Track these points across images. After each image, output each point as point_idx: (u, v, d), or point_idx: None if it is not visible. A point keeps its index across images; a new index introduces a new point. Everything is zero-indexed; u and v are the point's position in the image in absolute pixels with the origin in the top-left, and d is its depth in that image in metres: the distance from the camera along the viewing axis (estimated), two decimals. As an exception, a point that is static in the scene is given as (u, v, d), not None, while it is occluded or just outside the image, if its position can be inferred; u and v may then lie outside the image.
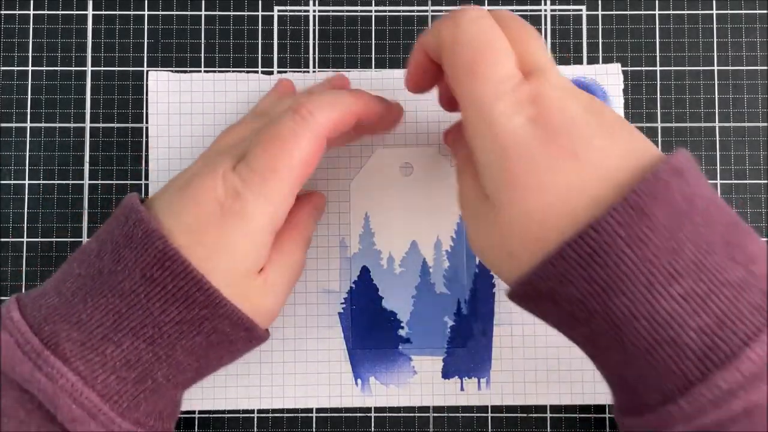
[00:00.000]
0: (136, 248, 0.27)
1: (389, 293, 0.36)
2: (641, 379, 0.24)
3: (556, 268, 0.24)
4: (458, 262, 0.36)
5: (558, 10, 0.38)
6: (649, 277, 0.23)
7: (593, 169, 0.25)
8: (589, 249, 0.24)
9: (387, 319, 0.36)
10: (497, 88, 0.25)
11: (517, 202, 0.25)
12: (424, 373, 0.36)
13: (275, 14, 0.38)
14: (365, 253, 0.36)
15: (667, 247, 0.23)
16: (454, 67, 0.26)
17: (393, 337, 0.36)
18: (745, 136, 0.37)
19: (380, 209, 0.36)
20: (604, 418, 0.36)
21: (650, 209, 0.23)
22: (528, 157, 0.25)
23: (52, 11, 0.38)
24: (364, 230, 0.36)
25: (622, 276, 0.23)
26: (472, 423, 0.36)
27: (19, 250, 0.37)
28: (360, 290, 0.36)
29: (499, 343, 0.36)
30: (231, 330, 0.29)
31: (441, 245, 0.36)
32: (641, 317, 0.23)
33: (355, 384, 0.36)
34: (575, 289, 0.24)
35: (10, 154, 0.37)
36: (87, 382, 0.26)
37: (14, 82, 0.38)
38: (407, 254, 0.36)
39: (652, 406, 0.24)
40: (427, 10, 0.38)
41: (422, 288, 0.36)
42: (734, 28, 0.38)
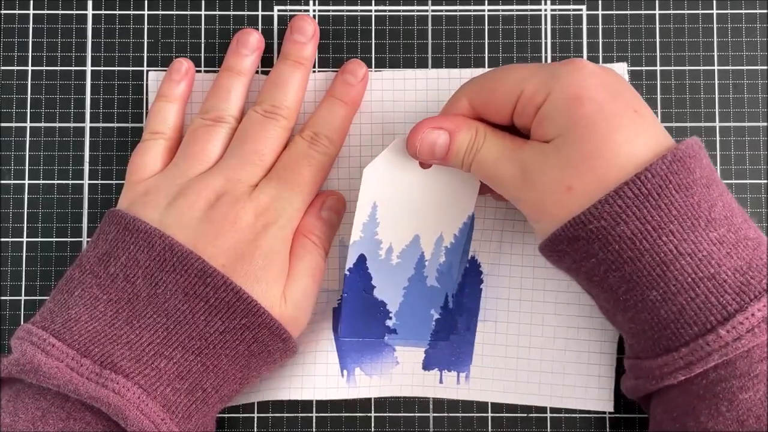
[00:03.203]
0: (174, 271, 0.30)
1: (382, 283, 0.35)
2: (680, 314, 0.27)
3: (612, 207, 0.27)
4: (454, 257, 0.35)
5: (558, 10, 0.38)
6: (693, 221, 0.27)
7: (647, 125, 0.29)
8: (645, 190, 0.27)
9: (377, 309, 0.35)
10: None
11: (588, 140, 0.28)
12: (405, 364, 0.36)
13: (275, 14, 0.38)
14: (365, 242, 0.34)
15: (704, 200, 0.28)
16: None
17: (380, 326, 0.35)
18: (745, 135, 0.37)
19: (389, 201, 0.34)
20: (604, 419, 0.36)
21: (691, 165, 0.28)
22: (600, 103, 0.28)
23: (52, 11, 0.38)
24: (369, 219, 0.34)
25: (671, 217, 0.27)
26: (472, 423, 0.36)
27: (19, 250, 0.37)
28: (354, 277, 0.35)
29: (482, 339, 0.36)
30: (270, 340, 0.32)
31: (442, 241, 0.35)
32: (686, 254, 0.27)
33: (341, 375, 0.36)
34: (627, 227, 0.27)
35: (10, 154, 0.37)
36: (149, 394, 0.29)
37: (14, 82, 0.38)
38: (407, 247, 0.35)
39: (687, 341, 0.27)
40: (427, 10, 0.38)
41: (414, 280, 0.35)
42: (734, 27, 0.38)
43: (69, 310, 0.30)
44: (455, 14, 0.38)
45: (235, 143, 0.34)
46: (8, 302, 0.37)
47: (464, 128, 0.31)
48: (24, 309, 0.37)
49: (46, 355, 0.29)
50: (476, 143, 0.31)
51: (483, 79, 0.32)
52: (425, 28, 0.38)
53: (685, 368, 0.27)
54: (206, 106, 0.35)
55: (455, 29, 0.38)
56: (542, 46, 0.38)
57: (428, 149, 0.31)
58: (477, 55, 0.38)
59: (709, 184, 0.28)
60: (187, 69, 0.36)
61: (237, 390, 0.33)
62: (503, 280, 0.37)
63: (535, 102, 0.29)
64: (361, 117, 0.37)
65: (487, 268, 0.37)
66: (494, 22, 0.38)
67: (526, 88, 0.30)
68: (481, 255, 0.37)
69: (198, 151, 0.34)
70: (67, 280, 0.32)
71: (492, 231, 0.37)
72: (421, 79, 0.37)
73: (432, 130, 0.31)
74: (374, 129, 0.37)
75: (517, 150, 0.30)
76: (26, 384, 0.30)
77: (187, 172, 0.33)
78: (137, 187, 0.34)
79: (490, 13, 0.38)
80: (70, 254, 0.37)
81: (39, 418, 0.29)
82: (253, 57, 0.36)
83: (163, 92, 0.36)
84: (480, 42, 0.38)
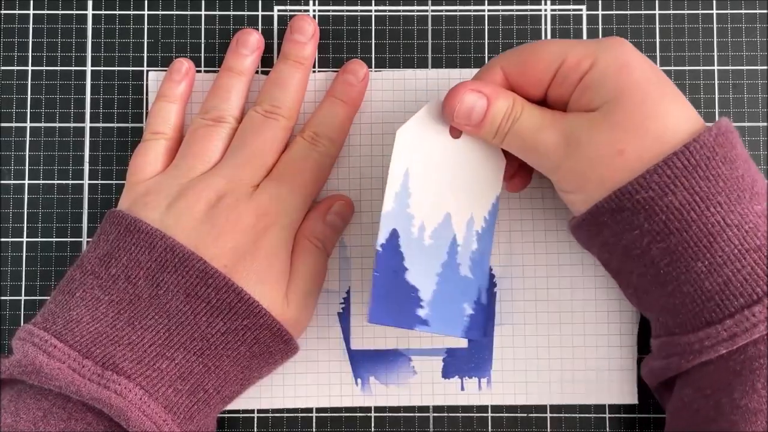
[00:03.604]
0: (176, 272, 0.30)
1: (415, 265, 0.32)
2: (725, 286, 0.27)
3: (661, 177, 0.27)
4: (485, 246, 0.34)
5: (558, 10, 0.38)
6: (738, 193, 0.28)
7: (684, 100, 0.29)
8: (694, 160, 0.27)
9: (408, 294, 0.32)
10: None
11: (641, 104, 0.28)
12: (424, 373, 0.36)
13: (275, 14, 0.38)
14: (397, 215, 0.31)
15: (747, 173, 0.28)
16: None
17: (411, 315, 0.32)
18: (745, 135, 0.37)
19: (421, 169, 0.32)
20: (604, 419, 0.36)
21: (733, 139, 0.28)
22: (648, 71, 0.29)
23: (52, 11, 0.38)
24: (401, 189, 0.31)
25: (719, 189, 0.27)
26: (472, 423, 0.36)
27: (19, 250, 0.37)
28: (386, 255, 0.31)
29: (500, 343, 0.36)
30: (271, 341, 0.32)
31: (473, 224, 0.33)
32: (732, 225, 0.27)
33: (355, 384, 0.36)
34: (676, 198, 0.27)
35: (10, 154, 0.37)
36: (151, 395, 0.29)
37: (14, 82, 0.38)
38: (439, 226, 0.32)
39: (732, 312, 0.27)
40: (427, 10, 0.38)
41: (448, 267, 0.32)
42: (734, 27, 0.38)
43: (70, 311, 0.30)
44: (455, 14, 0.38)
45: (235, 143, 0.34)
46: (8, 302, 0.37)
47: (502, 96, 0.30)
48: (24, 309, 0.37)
49: (48, 356, 0.29)
50: (514, 112, 0.30)
51: (520, 49, 0.31)
52: (425, 28, 0.38)
53: (729, 340, 0.27)
54: (206, 106, 0.35)
55: (455, 29, 0.38)
56: (542, 46, 0.38)
57: (466, 113, 0.31)
58: (477, 55, 0.38)
59: (746, 158, 0.29)
60: (187, 69, 0.36)
61: (238, 391, 0.33)
62: (516, 281, 0.37)
63: (581, 69, 0.29)
64: (361, 117, 0.37)
65: (499, 271, 0.37)
66: (494, 22, 0.38)
67: (569, 57, 0.29)
68: (491, 258, 0.36)
69: (199, 152, 0.34)
70: (68, 281, 0.32)
71: (499, 232, 0.37)
72: (421, 79, 0.37)
73: (471, 92, 0.30)
74: (374, 129, 0.37)
75: (559, 119, 0.30)
76: (28, 384, 0.30)
77: (188, 173, 0.33)
78: (138, 188, 0.34)
79: (490, 13, 0.38)
80: (70, 254, 0.37)
81: (40, 419, 0.29)
82: (253, 57, 0.36)
83: (163, 92, 0.36)
84: (480, 42, 0.38)
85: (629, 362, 0.36)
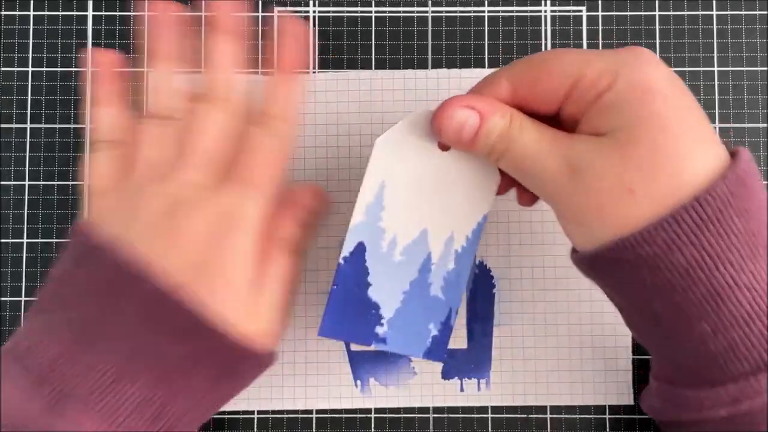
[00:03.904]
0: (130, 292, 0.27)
1: (379, 282, 0.30)
2: (731, 349, 0.25)
3: (668, 233, 0.24)
4: (463, 267, 0.31)
5: (558, 11, 0.38)
6: (752, 250, 0.25)
7: (708, 130, 0.26)
8: (705, 215, 0.24)
9: (368, 311, 0.30)
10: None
11: (658, 140, 0.25)
12: (424, 374, 0.36)
13: (275, 14, 0.38)
14: (367, 228, 0.30)
15: (763, 225, 0.25)
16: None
17: (368, 332, 0.31)
18: (745, 136, 0.37)
19: (399, 182, 0.30)
20: (605, 419, 0.36)
21: (751, 185, 0.25)
22: (671, 99, 0.25)
23: (52, 11, 0.38)
24: (374, 201, 0.30)
25: (731, 245, 0.24)
26: (472, 424, 0.36)
27: (19, 250, 0.37)
28: (349, 269, 0.30)
29: (499, 344, 0.36)
30: (237, 362, 0.28)
31: (453, 243, 0.31)
32: (743, 286, 0.24)
33: (354, 385, 0.36)
34: (682, 255, 0.25)
35: (10, 155, 0.37)
36: (110, 424, 0.26)
37: (14, 83, 0.38)
38: (413, 242, 0.31)
39: (736, 377, 0.25)
40: (427, 11, 0.38)
41: (417, 285, 0.31)
42: (734, 29, 0.38)
43: (32, 330, 0.28)
44: (455, 15, 0.38)
45: (179, 142, 0.29)
46: (8, 303, 0.37)
47: (498, 111, 0.27)
48: (24, 310, 0.37)
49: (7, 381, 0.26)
50: (512, 131, 0.27)
51: (531, 60, 0.28)
52: (425, 28, 0.38)
53: (730, 405, 0.25)
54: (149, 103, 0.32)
55: (455, 30, 0.38)
56: (542, 47, 0.38)
57: (455, 129, 0.28)
58: (477, 55, 0.38)
59: (763, 205, 0.26)
60: (111, 61, 0.31)
61: (209, 412, 0.30)
62: (515, 283, 0.37)
63: (598, 88, 0.26)
64: (361, 117, 0.37)
65: (498, 272, 0.37)
66: (494, 23, 0.38)
67: (587, 72, 0.26)
68: (489, 260, 0.36)
69: (148, 156, 0.30)
70: (37, 300, 0.29)
71: (498, 234, 0.37)
72: (421, 79, 0.37)
73: (462, 108, 0.28)
74: (374, 129, 0.37)
75: (563, 142, 0.27)
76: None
77: (141, 181, 0.29)
78: (96, 200, 0.30)
79: (490, 14, 0.38)
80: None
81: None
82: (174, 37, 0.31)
83: (96, 96, 0.31)
84: (480, 43, 0.38)
85: (625, 362, 0.36)
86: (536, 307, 0.36)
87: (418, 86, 0.37)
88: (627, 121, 0.25)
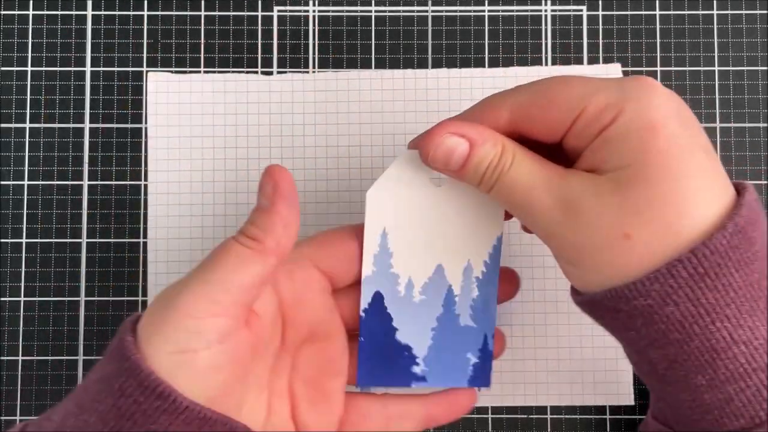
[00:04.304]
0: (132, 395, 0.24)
1: (405, 324, 0.30)
2: (726, 403, 0.24)
3: (663, 286, 0.23)
4: (489, 291, 0.31)
5: (558, 11, 0.38)
6: (751, 304, 0.24)
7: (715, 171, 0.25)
8: (702, 269, 0.23)
9: (400, 354, 0.30)
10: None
11: (658, 182, 0.24)
12: None
13: (275, 14, 0.38)
14: (379, 277, 0.30)
15: (764, 276, 0.24)
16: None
17: (406, 374, 0.30)
18: (746, 136, 0.37)
19: (401, 226, 0.30)
20: (605, 419, 0.36)
21: (753, 234, 0.24)
22: (675, 137, 0.24)
23: (52, 11, 0.38)
24: (380, 249, 0.30)
25: (729, 300, 0.23)
26: (472, 424, 0.36)
27: (18, 250, 0.37)
28: (371, 319, 0.30)
29: (500, 344, 0.36)
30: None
31: (472, 271, 0.30)
32: (740, 342, 0.23)
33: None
34: (677, 309, 0.24)
35: (9, 155, 0.37)
36: None
37: (14, 83, 0.38)
38: (430, 280, 0.30)
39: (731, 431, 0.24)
40: (427, 10, 0.38)
41: (445, 319, 0.31)
42: (735, 28, 0.38)
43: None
44: (455, 15, 0.38)
45: None
46: (8, 303, 0.37)
47: (489, 140, 0.26)
48: (24, 310, 0.37)
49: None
50: (503, 161, 0.26)
51: (534, 89, 0.27)
52: (425, 28, 0.38)
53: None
54: None
55: (455, 29, 0.38)
56: (542, 46, 0.38)
57: (444, 157, 0.27)
58: (477, 55, 0.38)
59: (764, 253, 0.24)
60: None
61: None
62: None
63: (601, 122, 0.25)
64: (361, 117, 0.37)
65: None
66: (494, 22, 0.38)
67: (590, 105, 0.25)
68: None
69: None
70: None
71: None
72: (421, 79, 0.37)
73: (450, 136, 0.27)
74: (374, 129, 0.37)
75: (557, 178, 0.26)
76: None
77: None
78: None
79: (490, 14, 0.38)
80: (70, 255, 0.37)
81: None
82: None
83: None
84: (480, 42, 0.38)
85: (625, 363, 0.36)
86: (536, 307, 0.36)
87: (418, 86, 0.37)
88: (627, 160, 0.24)
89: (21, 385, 0.36)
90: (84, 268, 0.37)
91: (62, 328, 0.37)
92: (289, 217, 0.26)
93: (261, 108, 0.37)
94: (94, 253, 0.37)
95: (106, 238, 0.37)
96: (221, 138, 0.37)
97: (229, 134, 0.37)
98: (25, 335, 0.37)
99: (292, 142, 0.37)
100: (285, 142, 0.37)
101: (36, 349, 0.37)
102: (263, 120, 0.37)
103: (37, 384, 0.37)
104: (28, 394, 0.36)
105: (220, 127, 0.37)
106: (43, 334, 0.37)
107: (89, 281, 0.37)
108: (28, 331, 0.37)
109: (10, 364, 0.37)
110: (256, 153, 0.37)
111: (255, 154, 0.37)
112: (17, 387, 0.36)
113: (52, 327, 0.37)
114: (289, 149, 0.37)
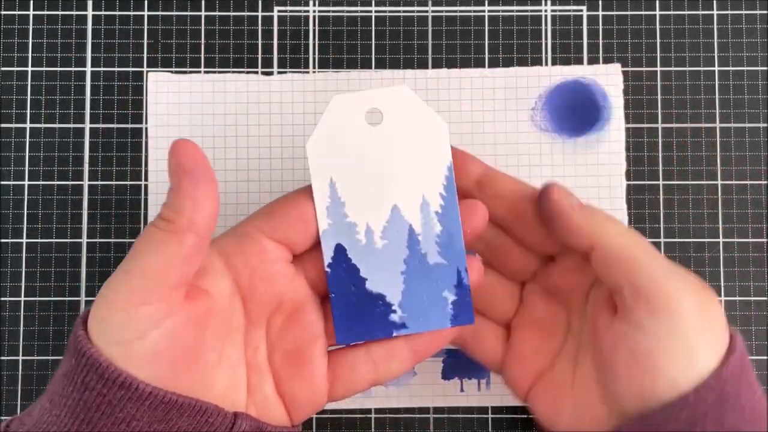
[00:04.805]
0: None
1: (373, 273, 0.30)
2: None
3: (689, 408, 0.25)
4: (451, 223, 0.30)
5: (558, 11, 0.38)
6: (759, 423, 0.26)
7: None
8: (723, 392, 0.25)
9: (374, 304, 0.30)
10: None
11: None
12: (424, 374, 0.36)
13: (275, 14, 0.38)
14: (337, 228, 0.29)
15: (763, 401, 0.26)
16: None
17: (385, 324, 0.30)
18: (745, 136, 0.37)
19: (347, 172, 0.29)
20: (605, 420, 0.36)
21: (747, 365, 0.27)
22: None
23: (52, 11, 0.38)
24: (331, 200, 0.29)
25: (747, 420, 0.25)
26: (472, 424, 0.36)
27: (18, 250, 0.37)
28: (337, 273, 0.29)
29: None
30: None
31: (429, 206, 0.30)
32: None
33: None
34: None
35: (9, 155, 0.37)
36: None
37: (14, 83, 0.38)
38: (388, 222, 0.30)
39: None
40: (428, 10, 0.38)
41: (412, 261, 0.30)
42: (735, 28, 0.38)
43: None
44: (455, 15, 0.38)
45: None
46: (8, 303, 0.37)
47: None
48: (24, 310, 0.37)
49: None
50: None
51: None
52: (425, 28, 0.38)
53: None
54: None
55: (455, 30, 0.38)
56: (542, 46, 0.38)
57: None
58: (477, 55, 0.38)
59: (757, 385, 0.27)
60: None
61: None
62: None
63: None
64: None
65: None
66: (494, 22, 0.38)
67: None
68: None
69: None
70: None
71: None
72: (421, 79, 0.37)
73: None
74: (374, 129, 0.37)
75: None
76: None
77: None
78: None
79: (490, 14, 0.38)
80: (70, 255, 0.37)
81: None
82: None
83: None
84: (480, 42, 0.38)
85: None
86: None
87: (418, 86, 0.37)
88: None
89: (21, 385, 0.37)
90: (84, 268, 0.37)
91: (62, 328, 0.37)
92: (195, 193, 0.26)
93: (261, 108, 0.37)
94: (95, 253, 0.37)
95: (107, 238, 0.37)
96: (221, 138, 0.37)
97: (229, 134, 0.37)
98: (25, 335, 0.37)
99: (292, 142, 0.37)
100: (285, 142, 0.37)
101: (36, 349, 0.37)
102: (263, 120, 0.37)
103: (37, 384, 0.37)
104: (28, 394, 0.36)
105: (220, 127, 0.37)
106: (43, 334, 0.37)
107: (89, 281, 0.37)
108: (28, 331, 0.37)
109: (10, 364, 0.37)
110: (256, 153, 0.37)
111: (255, 154, 0.37)
112: (17, 387, 0.36)
113: (52, 327, 0.37)
114: (289, 149, 0.37)
